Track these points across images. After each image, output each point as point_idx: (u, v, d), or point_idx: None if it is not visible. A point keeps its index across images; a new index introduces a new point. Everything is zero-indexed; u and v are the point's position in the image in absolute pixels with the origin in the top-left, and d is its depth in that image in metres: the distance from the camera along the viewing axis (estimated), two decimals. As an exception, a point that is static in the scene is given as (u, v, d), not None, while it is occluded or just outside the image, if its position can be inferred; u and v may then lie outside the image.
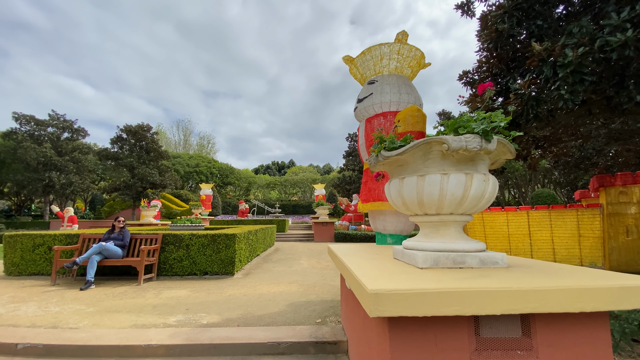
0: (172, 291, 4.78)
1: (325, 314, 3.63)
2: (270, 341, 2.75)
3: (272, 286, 5.14)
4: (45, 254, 5.90)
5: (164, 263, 5.90)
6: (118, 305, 3.98)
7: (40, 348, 2.70)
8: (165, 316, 3.54)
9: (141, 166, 23.77)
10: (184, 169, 40.65)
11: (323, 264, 7.61)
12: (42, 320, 3.38)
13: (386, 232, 3.90)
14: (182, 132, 60.52)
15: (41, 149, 23.75)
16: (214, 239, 5.96)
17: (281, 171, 74.44)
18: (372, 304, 1.26)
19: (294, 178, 51.47)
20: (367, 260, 2.12)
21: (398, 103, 3.95)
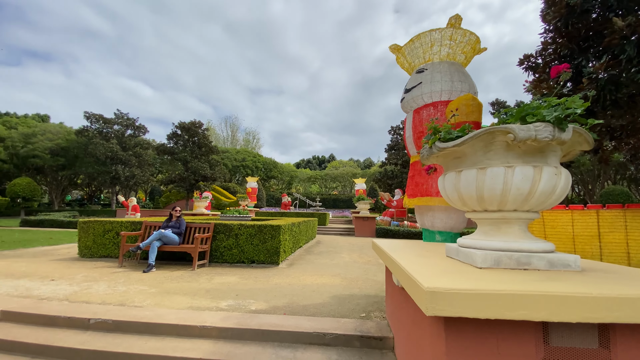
0: (222, 277, 5.07)
1: (369, 308, 3.59)
2: (316, 331, 2.79)
3: (315, 277, 5.22)
4: (113, 238, 6.62)
5: (215, 250, 6.28)
6: (176, 288, 4.33)
7: (110, 323, 3.02)
8: (218, 300, 3.77)
9: (194, 160, 25.49)
10: (231, 163, 42.79)
11: (365, 259, 7.54)
12: (111, 298, 3.79)
13: (434, 229, 3.73)
14: (229, 128, 63.65)
15: (108, 144, 26.57)
16: (260, 229, 6.20)
17: (321, 165, 74.98)
18: (428, 302, 1.20)
19: (334, 172, 51.54)
20: (418, 257, 2.03)
21: (450, 92, 3.72)
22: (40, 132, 29.07)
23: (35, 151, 27.13)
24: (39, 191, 26.59)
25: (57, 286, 4.29)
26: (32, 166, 28.06)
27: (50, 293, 3.93)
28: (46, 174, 29.60)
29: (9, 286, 4.22)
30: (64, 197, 34.24)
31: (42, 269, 5.45)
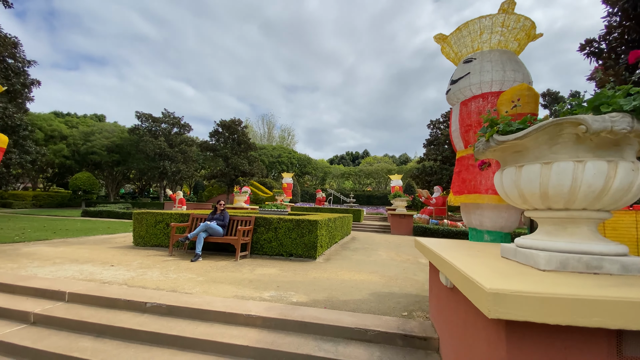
0: (263, 269, 5.25)
1: (410, 307, 3.51)
2: (358, 327, 2.78)
3: (353, 274, 5.21)
4: (163, 229, 7.12)
5: (255, 243, 6.51)
6: (221, 277, 4.56)
7: (164, 308, 3.26)
8: (261, 291, 3.91)
9: (234, 156, 26.60)
10: (268, 159, 43.99)
11: (403, 257, 7.37)
12: (164, 284, 4.09)
13: (482, 228, 3.53)
14: (266, 126, 65.38)
15: (157, 142, 28.56)
16: (298, 224, 6.31)
17: (355, 161, 74.34)
18: (491, 304, 1.14)
19: (369, 168, 50.85)
20: (470, 257, 1.94)
21: (502, 82, 3.49)
22: (97, 130, 32.03)
23: (94, 148, 29.96)
24: (97, 185, 29.38)
25: (116, 271, 4.71)
26: (91, 162, 31.03)
27: (110, 277, 4.34)
28: (103, 169, 32.59)
29: (74, 270, 4.71)
30: (118, 190, 37.51)
31: (102, 255, 6.02)
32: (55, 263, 5.13)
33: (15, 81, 12.46)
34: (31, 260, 5.32)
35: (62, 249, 6.59)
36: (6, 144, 6.89)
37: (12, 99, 12.87)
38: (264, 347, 2.60)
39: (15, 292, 3.79)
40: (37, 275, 4.28)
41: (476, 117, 3.51)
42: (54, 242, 7.65)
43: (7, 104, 12.17)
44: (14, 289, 3.81)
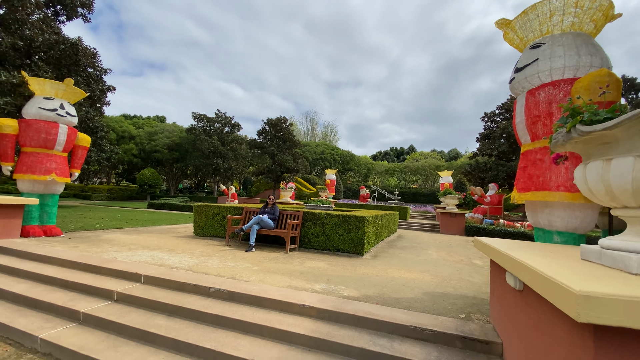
0: (312, 262, 5.38)
1: (468, 309, 3.35)
2: (413, 325, 2.74)
3: (403, 272, 5.11)
4: (220, 221, 7.63)
5: (303, 237, 6.69)
6: (274, 268, 4.78)
7: (225, 293, 3.50)
8: (312, 283, 4.03)
9: (280, 153, 27.47)
10: (312, 156, 44.66)
11: (455, 258, 7.03)
12: (224, 272, 4.39)
13: (552, 229, 3.24)
14: (309, 123, 66.36)
15: (211, 140, 30.57)
16: (345, 219, 6.34)
17: (400, 157, 72.18)
18: (581, 307, 1.05)
19: (415, 165, 49.00)
20: (544, 258, 1.80)
21: (576, 68, 3.15)
22: (160, 130, 35.20)
23: (157, 147, 33.01)
24: (160, 180, 32.38)
25: (181, 258, 5.17)
26: (155, 159, 34.25)
27: (177, 263, 4.77)
28: (164, 165, 35.78)
29: (147, 256, 5.26)
30: (177, 185, 40.93)
31: (169, 243, 6.64)
32: (131, 249, 5.79)
33: (95, 88, 14.23)
34: (111, 245, 6.07)
35: (134, 236, 7.41)
36: (89, 143, 7.89)
37: (92, 104, 14.74)
38: (319, 337, 2.69)
39: (100, 272, 4.36)
40: (117, 259, 4.87)
41: (546, 107, 3.21)
42: (127, 230, 8.62)
43: (88, 109, 13.96)
44: (99, 270, 4.38)
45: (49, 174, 6.68)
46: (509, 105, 20.93)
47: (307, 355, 2.57)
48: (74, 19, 14.15)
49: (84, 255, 4.90)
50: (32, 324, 3.20)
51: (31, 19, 12.09)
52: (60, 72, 12.72)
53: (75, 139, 7.31)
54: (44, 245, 5.54)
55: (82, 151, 7.56)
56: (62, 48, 12.49)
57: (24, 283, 4.11)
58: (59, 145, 6.89)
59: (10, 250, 5.14)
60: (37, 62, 11.59)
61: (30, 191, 6.68)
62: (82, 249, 5.47)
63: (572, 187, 2.99)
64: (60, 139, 6.88)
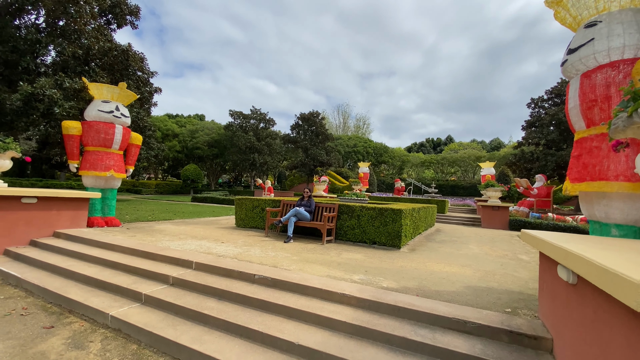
0: (349, 254, 5.46)
1: (514, 305, 3.23)
2: (456, 317, 2.72)
3: (442, 265, 5.01)
4: (259, 213, 7.95)
5: (339, 229, 6.78)
6: (312, 258, 4.92)
7: (269, 280, 3.69)
8: (350, 273, 4.11)
9: (312, 147, 27.78)
10: (344, 149, 44.49)
11: (499, 253, 6.72)
12: (266, 261, 4.61)
13: (609, 222, 3.02)
14: (341, 116, 65.99)
15: (247, 136, 31.67)
16: (381, 212, 6.32)
17: (437, 149, 69.43)
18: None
19: (453, 156, 46.84)
20: (602, 251, 1.71)
21: (637, 47, 2.89)
22: (200, 128, 37.11)
23: (198, 144, 34.87)
24: (201, 175, 34.19)
25: (226, 247, 5.50)
26: (196, 155, 36.24)
27: (223, 252, 5.09)
28: (205, 161, 37.75)
29: (195, 245, 5.66)
30: (217, 179, 43.03)
31: (214, 234, 7.07)
32: (181, 238, 6.26)
33: (144, 90, 15.35)
34: (163, 235, 6.60)
35: (182, 227, 7.98)
36: (141, 142, 8.56)
37: (141, 105, 15.94)
38: (361, 324, 2.76)
39: (156, 259, 4.78)
40: (170, 247, 5.31)
41: (603, 91, 2.95)
42: (176, 221, 9.30)
43: (139, 109, 15.13)
44: (155, 257, 4.81)
45: (108, 170, 7.39)
46: (559, 90, 19.23)
47: (350, 342, 2.66)
48: (123, 26, 15.33)
49: (141, 244, 5.40)
50: (103, 303, 3.63)
51: (87, 28, 13.29)
52: (113, 76, 13.91)
53: (129, 138, 7.99)
54: (107, 235, 6.18)
55: (135, 149, 8.26)
56: (115, 54, 13.63)
57: (93, 267, 4.64)
58: (115, 144, 7.59)
59: (80, 238, 5.81)
60: (94, 68, 12.80)
61: (93, 186, 7.45)
62: (139, 238, 6.02)
63: (634, 177, 2.75)
64: (117, 138, 7.56)
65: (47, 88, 10.75)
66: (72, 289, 4.01)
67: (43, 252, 5.39)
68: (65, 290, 3.94)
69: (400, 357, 2.45)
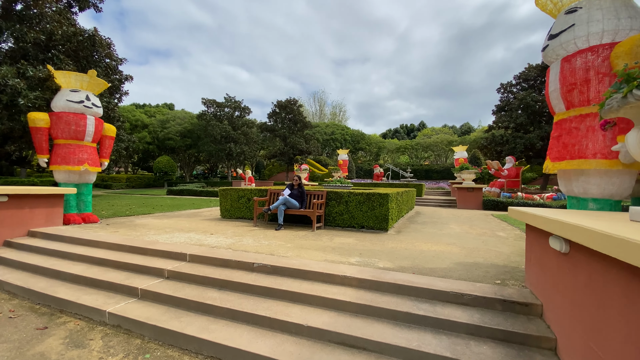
0: (341, 238, 5.58)
1: (501, 277, 3.49)
2: (453, 291, 2.90)
3: (429, 245, 5.26)
4: (245, 203, 7.88)
5: (328, 215, 6.88)
6: (306, 244, 4.99)
7: (269, 268, 3.72)
8: (346, 256, 4.22)
9: (291, 136, 27.53)
10: (322, 137, 44.44)
11: (478, 231, 7.12)
12: (261, 249, 4.62)
13: (587, 196, 3.29)
14: (317, 103, 65.59)
15: (222, 125, 30.75)
16: (368, 197, 6.47)
17: (410, 134, 71.10)
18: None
19: (426, 141, 48.27)
20: (593, 220, 1.88)
21: (615, 32, 3.09)
22: (171, 118, 35.55)
23: (170, 134, 33.45)
24: (175, 167, 33.02)
25: (217, 238, 5.44)
26: (168, 147, 34.79)
27: (215, 243, 5.03)
28: (178, 152, 36.37)
29: (184, 237, 5.54)
30: (191, 171, 41.72)
31: (200, 226, 6.94)
32: (167, 232, 6.10)
33: (114, 78, 14.37)
34: (147, 229, 6.39)
35: (165, 220, 7.75)
36: (115, 133, 8.13)
37: (111, 94, 14.95)
38: (365, 303, 2.88)
39: (147, 253, 4.65)
40: (158, 241, 5.17)
41: (583, 75, 3.17)
42: (156, 215, 9.00)
43: (109, 99, 14.19)
44: (145, 251, 4.67)
45: (82, 164, 6.98)
46: (527, 75, 20.18)
47: (356, 320, 2.78)
48: (86, 9, 14.11)
49: (127, 239, 5.21)
50: (97, 300, 3.51)
51: (48, 12, 12.13)
52: (79, 64, 12.87)
53: (103, 130, 7.54)
54: (88, 231, 5.90)
55: (109, 141, 7.82)
56: (80, 40, 12.57)
57: (79, 265, 4.44)
58: (88, 136, 7.15)
59: (59, 236, 5.50)
60: (57, 55, 11.74)
61: (66, 181, 7.02)
62: (122, 233, 5.80)
63: (610, 154, 3.01)
64: (89, 130, 7.12)
65: (9, 77, 9.81)
66: (60, 288, 3.83)
67: (20, 252, 5.07)
68: (53, 290, 3.77)
69: (406, 330, 2.60)
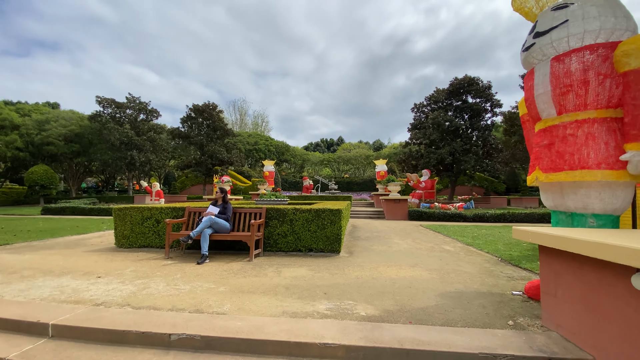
0: (290, 269, 4.38)
1: (504, 312, 2.85)
2: (482, 352, 2.06)
3: (394, 269, 4.50)
4: (153, 226, 5.97)
5: (268, 238, 5.60)
6: (246, 285, 3.64)
7: (198, 340, 2.32)
8: (309, 301, 3.07)
9: (210, 144, 24.81)
10: (244, 146, 42.10)
11: (425, 245, 6.80)
12: (180, 302, 3.11)
13: (587, 212, 2.91)
14: (238, 112, 62.58)
15: (122, 129, 25.95)
16: (318, 214, 5.47)
17: (330, 148, 73.94)
18: None
19: (347, 155, 50.46)
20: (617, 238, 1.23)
21: (611, 31, 2.81)
22: (53, 118, 28.55)
23: (50, 138, 26.68)
24: (56, 179, 26.30)
25: (107, 285, 3.64)
26: (48, 154, 27.67)
27: (104, 296, 3.28)
28: (61, 161, 29.28)
29: (52, 287, 3.58)
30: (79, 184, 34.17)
31: (82, 262, 4.84)
32: (24, 277, 3.94)
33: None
34: (-16, 275, 4.07)
35: (28, 256, 5.28)
36: None
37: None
38: (371, 396, 1.80)
39: (-35, 327, 2.66)
40: (2, 298, 3.14)
41: (580, 75, 2.83)
42: (15, 247, 6.22)
43: None
44: (-38, 323, 2.68)
45: None
46: (436, 97, 22.48)
47: None
48: None
49: None
50: None
51: None
52: None
53: None
54: None
55: None
56: None
57: None
58: None
59: None
60: None
61: None
62: None
63: (616, 164, 2.68)
64: None
65: None
66: None
67: None
68: None
69: None
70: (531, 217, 13.25)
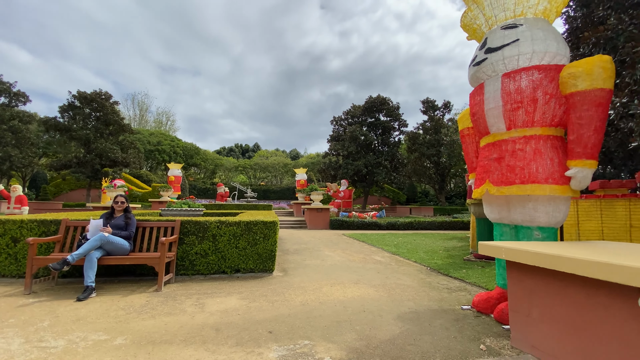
0: (216, 300, 3.47)
1: (467, 332, 2.67)
2: (484, 399, 1.72)
3: (338, 288, 4.06)
4: (7, 247, 4.16)
5: (182, 259, 4.49)
6: (158, 330, 2.63)
7: None
8: (254, 348, 2.31)
9: (99, 140, 20.51)
10: (144, 146, 36.75)
11: (357, 257, 6.63)
12: (43, 367, 1.97)
13: (534, 224, 3.00)
14: (137, 107, 54.63)
15: (-35, 113, 19.37)
16: (249, 227, 4.67)
17: (245, 154, 71.43)
18: None
19: (264, 162, 49.31)
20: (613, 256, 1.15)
21: (554, 55, 3.01)
22: None
23: None
24: None
25: None
26: None
27: None
28: None
29: None
30: None
31: None
32: None
33: None
34: None
35: None
36: None
37: None
38: None
39: None
40: None
41: (530, 93, 2.93)
42: None
43: None
44: None
45: None
46: (353, 113, 23.80)
47: None
48: None
49: None
50: None
51: None
52: None
53: None
54: None
55: None
56: None
57: None
58: None
59: None
60: None
61: None
62: None
63: (560, 179, 2.81)
64: None
65: None
66: None
67: None
68: None
69: None
70: (433, 225, 14.95)
